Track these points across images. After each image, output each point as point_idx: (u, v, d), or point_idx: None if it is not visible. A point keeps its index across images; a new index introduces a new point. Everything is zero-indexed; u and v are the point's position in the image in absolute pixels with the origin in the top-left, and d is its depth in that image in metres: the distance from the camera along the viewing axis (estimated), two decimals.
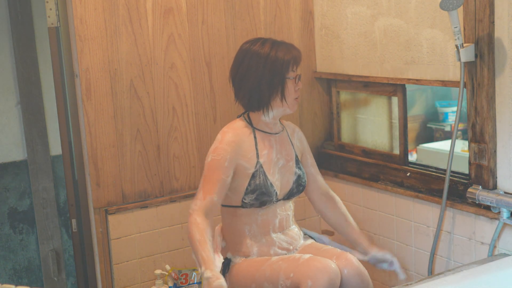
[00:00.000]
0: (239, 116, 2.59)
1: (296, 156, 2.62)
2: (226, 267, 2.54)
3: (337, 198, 2.77)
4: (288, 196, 2.57)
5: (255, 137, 2.53)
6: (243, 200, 2.48)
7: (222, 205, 2.54)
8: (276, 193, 2.50)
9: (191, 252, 2.37)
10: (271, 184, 2.48)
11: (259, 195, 2.47)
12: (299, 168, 2.60)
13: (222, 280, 2.20)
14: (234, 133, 2.49)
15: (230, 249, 2.58)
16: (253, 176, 2.47)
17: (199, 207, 2.39)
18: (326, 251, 2.51)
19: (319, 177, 2.75)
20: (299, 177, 2.59)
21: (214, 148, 2.46)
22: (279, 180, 2.53)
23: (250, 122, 2.56)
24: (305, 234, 2.71)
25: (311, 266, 2.32)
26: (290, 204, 2.62)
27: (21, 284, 3.29)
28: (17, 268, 3.32)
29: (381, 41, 3.04)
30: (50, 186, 3.31)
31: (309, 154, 2.73)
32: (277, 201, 2.52)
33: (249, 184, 2.47)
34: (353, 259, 2.44)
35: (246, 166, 2.47)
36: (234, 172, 2.46)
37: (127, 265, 3.07)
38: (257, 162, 2.48)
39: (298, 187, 2.59)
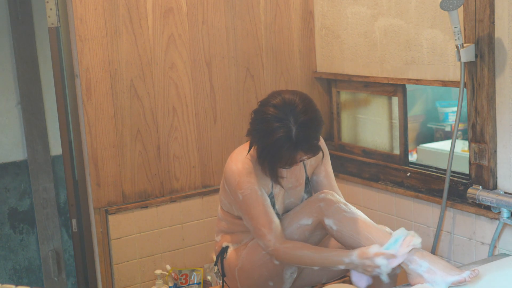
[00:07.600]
0: (251, 145, 2.40)
1: (307, 179, 2.54)
2: (223, 253, 2.55)
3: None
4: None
5: None
6: None
7: (223, 208, 2.54)
8: (279, 216, 2.46)
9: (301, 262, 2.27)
10: (277, 213, 2.44)
11: None
12: (308, 192, 2.54)
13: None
14: (248, 164, 2.38)
15: (228, 240, 2.57)
16: None
17: (275, 238, 2.31)
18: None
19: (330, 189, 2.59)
20: None
21: (237, 184, 2.34)
22: (283, 203, 2.49)
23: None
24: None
25: None
26: None
27: (21, 284, 3.29)
28: (17, 268, 3.31)
29: (381, 41, 3.04)
30: (50, 186, 3.31)
31: (324, 165, 2.58)
32: None
33: None
34: None
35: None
36: None
37: (127, 265, 3.07)
38: (271, 192, 2.43)
39: None
